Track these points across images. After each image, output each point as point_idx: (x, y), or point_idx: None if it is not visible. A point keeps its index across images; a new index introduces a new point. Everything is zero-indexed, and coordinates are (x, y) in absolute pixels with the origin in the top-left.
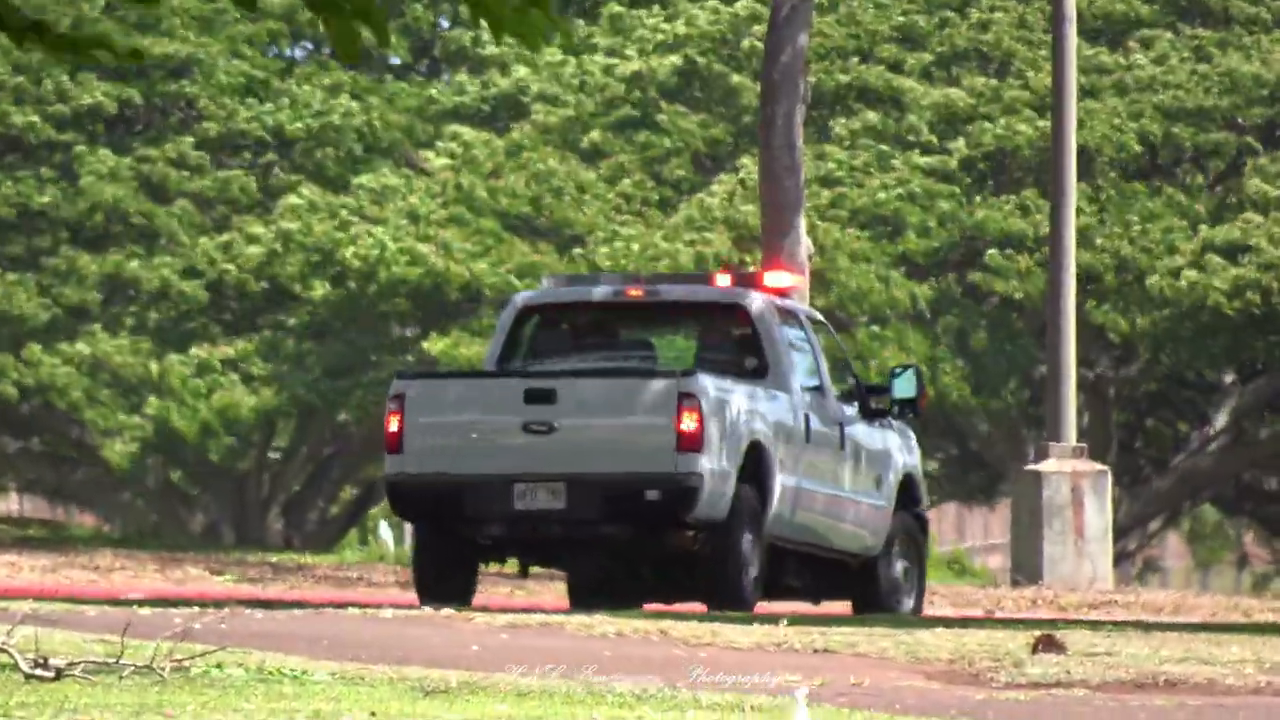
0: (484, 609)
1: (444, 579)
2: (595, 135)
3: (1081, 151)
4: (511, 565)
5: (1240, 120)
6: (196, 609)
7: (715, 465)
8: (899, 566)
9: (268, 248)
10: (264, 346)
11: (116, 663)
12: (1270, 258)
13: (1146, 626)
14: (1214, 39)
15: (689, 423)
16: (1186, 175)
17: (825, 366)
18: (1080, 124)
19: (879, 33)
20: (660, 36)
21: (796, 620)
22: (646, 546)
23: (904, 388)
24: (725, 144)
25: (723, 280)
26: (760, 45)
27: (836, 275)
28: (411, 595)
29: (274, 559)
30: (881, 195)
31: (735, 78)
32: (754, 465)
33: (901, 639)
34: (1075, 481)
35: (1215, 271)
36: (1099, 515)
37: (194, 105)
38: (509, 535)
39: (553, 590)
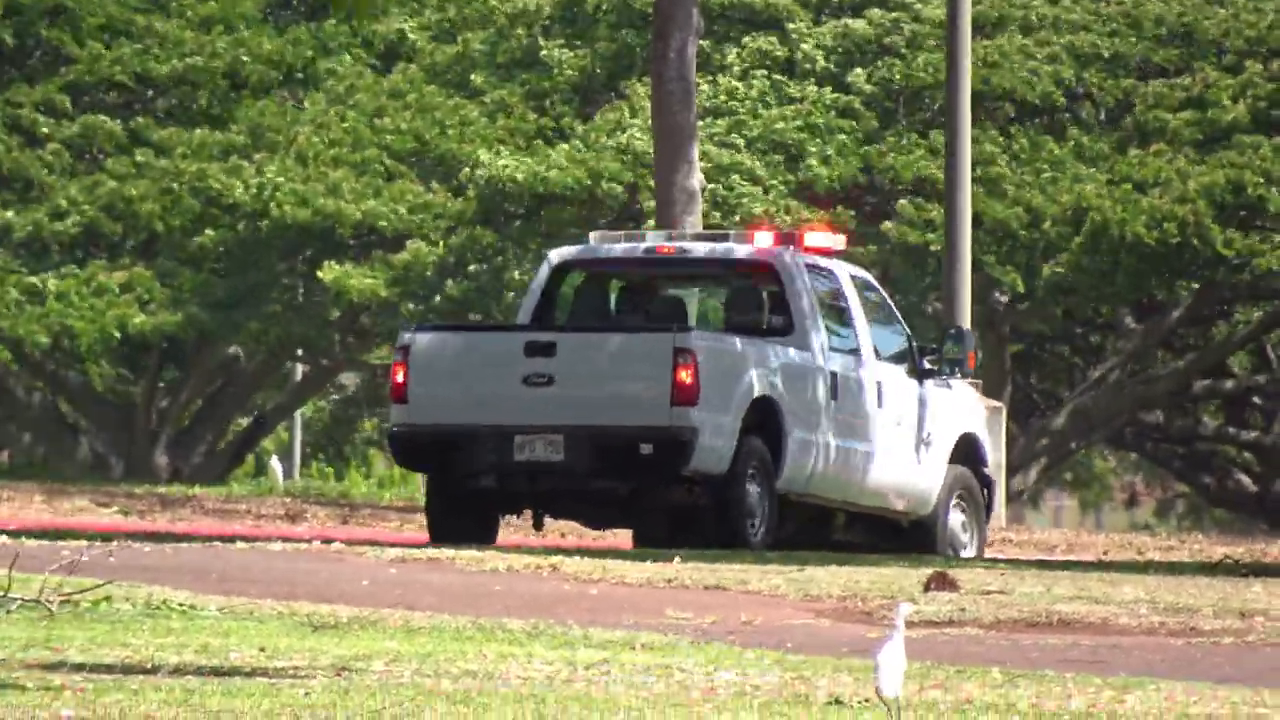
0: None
1: (454, 523)
2: (478, 76)
3: (983, 97)
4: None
5: (1147, 61)
6: (84, 542)
7: (713, 419)
8: (956, 521)
9: (152, 188)
10: (159, 275)
11: (4, 596)
12: (1182, 191)
13: (1040, 565)
14: None
15: (684, 377)
16: (1088, 114)
17: (865, 326)
18: (993, 65)
19: None
20: None
21: (691, 556)
22: (645, 499)
23: (954, 348)
24: (605, 77)
25: (762, 238)
26: None
27: (737, 201)
28: (300, 529)
29: (162, 491)
30: (780, 125)
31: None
32: (763, 420)
33: (794, 576)
34: None
35: (1129, 202)
36: (993, 452)
37: (61, 49)
38: (508, 486)
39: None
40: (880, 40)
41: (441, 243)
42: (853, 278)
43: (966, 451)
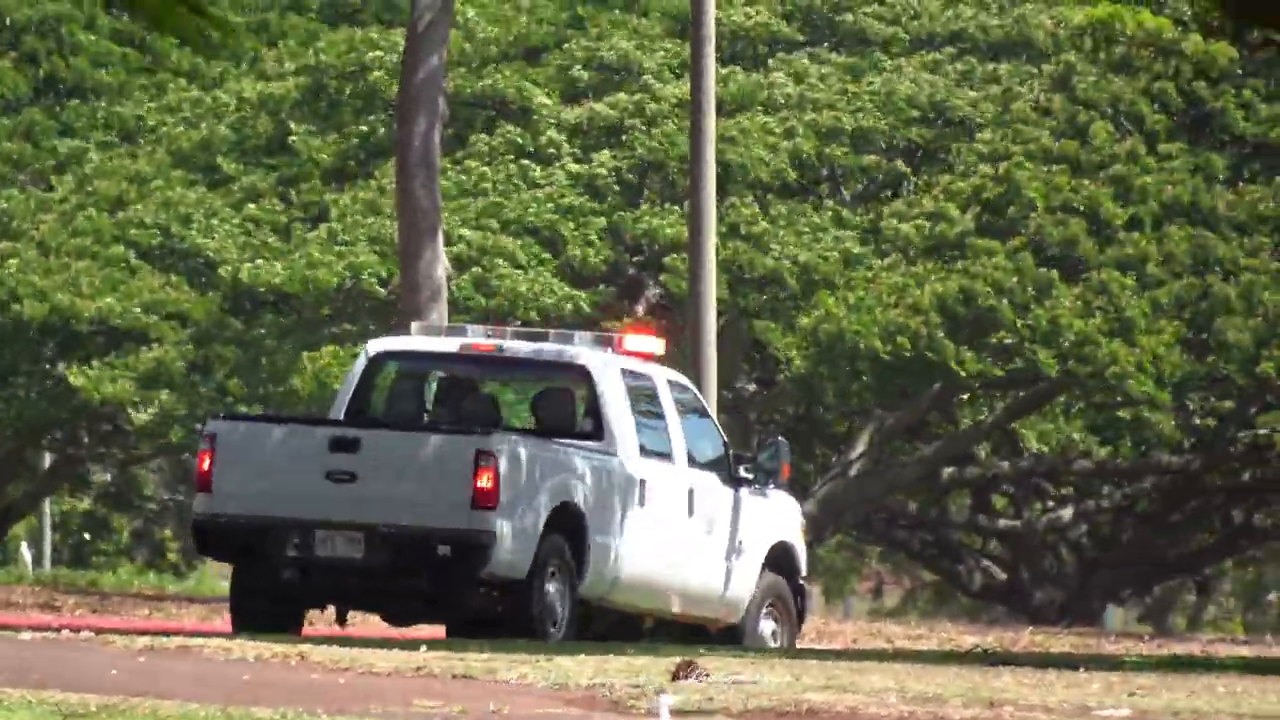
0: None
1: (257, 613)
2: (226, 163)
3: (733, 170)
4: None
5: (896, 140)
6: None
7: (512, 523)
8: (767, 629)
9: None
10: None
11: None
12: (917, 300)
13: (788, 653)
14: (851, 63)
15: (484, 480)
16: (838, 190)
17: (679, 431)
18: (732, 141)
19: (499, 42)
20: (290, 65)
21: (436, 645)
22: (444, 599)
23: (769, 458)
24: (356, 161)
25: (581, 339)
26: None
27: (500, 280)
28: (49, 617)
29: None
30: (534, 208)
31: (366, 95)
32: (566, 526)
33: (542, 664)
34: None
35: (867, 310)
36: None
37: None
38: (310, 581)
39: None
40: (623, 121)
41: (189, 341)
42: (670, 382)
43: (780, 559)
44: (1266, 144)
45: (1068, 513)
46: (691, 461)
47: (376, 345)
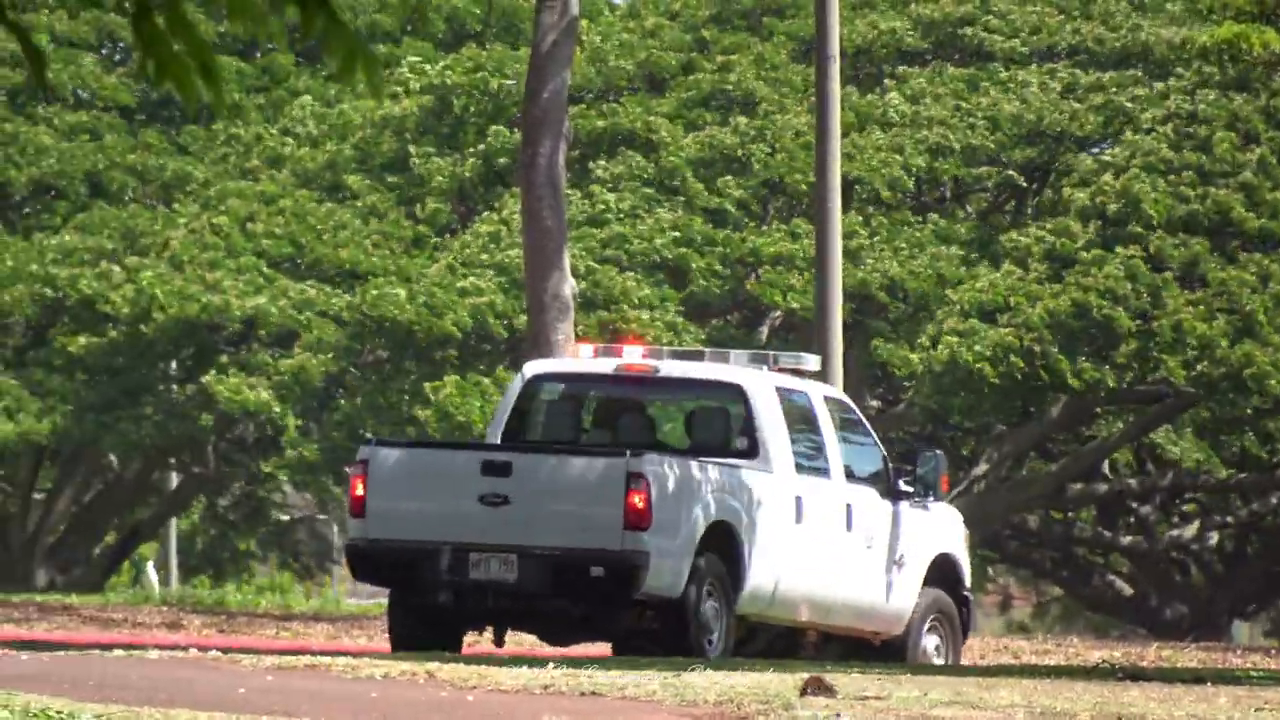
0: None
1: (416, 635)
2: (352, 179)
3: (851, 184)
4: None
5: (1004, 159)
6: None
7: (665, 543)
8: (930, 643)
9: (25, 292)
10: (25, 384)
11: None
12: (1027, 317)
13: (916, 669)
14: (968, 75)
15: (637, 501)
16: (952, 209)
17: (836, 447)
18: (849, 158)
19: (625, 71)
20: (415, 81)
21: (564, 661)
22: (599, 620)
23: (927, 471)
24: (479, 187)
25: (739, 358)
26: (511, 84)
27: (625, 326)
28: (176, 636)
29: (39, 600)
30: (659, 240)
31: (491, 119)
32: (721, 544)
33: (670, 681)
34: None
35: (976, 336)
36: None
37: None
38: (465, 603)
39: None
40: (745, 146)
41: (330, 351)
42: (826, 399)
43: (944, 572)
44: None
45: (1194, 528)
46: (850, 476)
47: (533, 367)
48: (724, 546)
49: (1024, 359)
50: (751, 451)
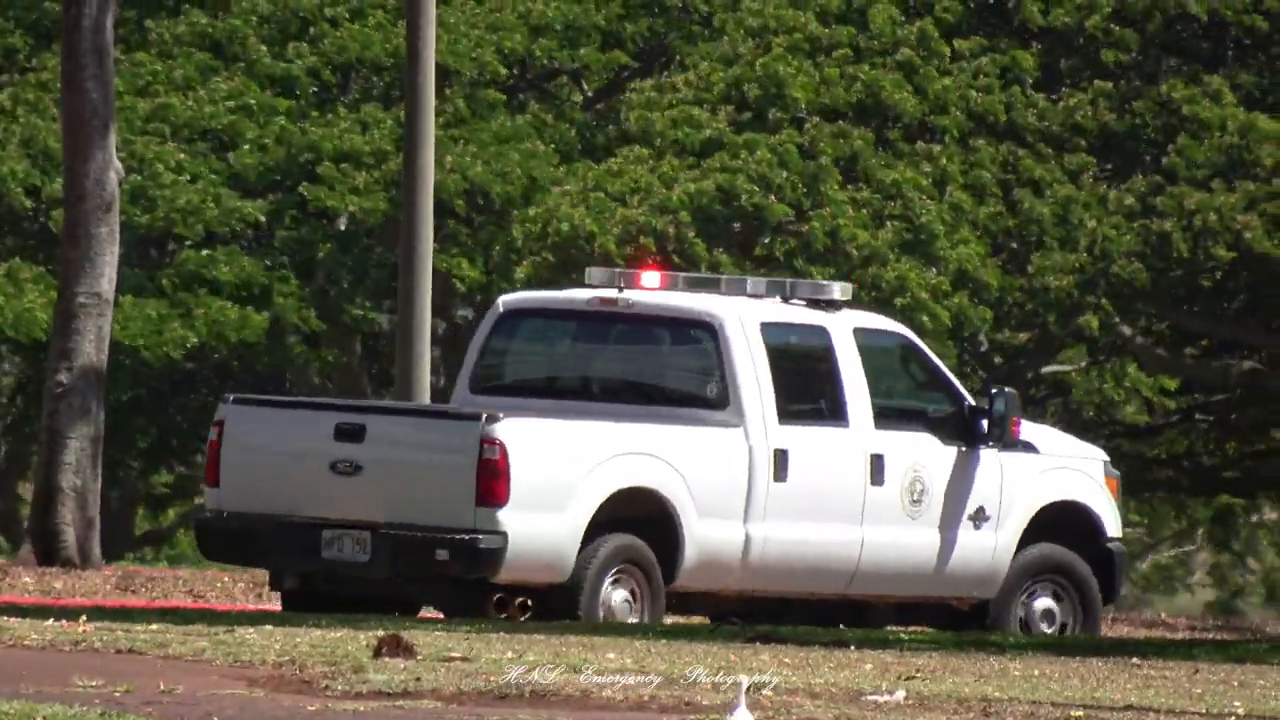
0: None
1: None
2: None
3: (439, 70)
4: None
5: (618, 35)
6: None
7: (536, 521)
8: (1038, 605)
9: None
10: None
11: None
12: (663, 198)
13: (508, 628)
14: None
15: (490, 472)
16: (562, 93)
17: (860, 389)
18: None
19: None
20: None
21: (96, 615)
22: (460, 612)
23: (1000, 410)
24: (24, 50)
25: (755, 286)
26: None
27: (161, 191)
28: None
29: None
30: (210, 108)
31: None
32: (642, 516)
33: (221, 639)
34: None
35: (604, 211)
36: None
37: None
38: (312, 588)
39: None
40: (323, 9)
41: None
42: (858, 331)
43: (1067, 522)
44: (1075, 38)
45: None
46: (887, 422)
47: (508, 300)
48: (650, 518)
49: (657, 244)
50: (721, 400)
